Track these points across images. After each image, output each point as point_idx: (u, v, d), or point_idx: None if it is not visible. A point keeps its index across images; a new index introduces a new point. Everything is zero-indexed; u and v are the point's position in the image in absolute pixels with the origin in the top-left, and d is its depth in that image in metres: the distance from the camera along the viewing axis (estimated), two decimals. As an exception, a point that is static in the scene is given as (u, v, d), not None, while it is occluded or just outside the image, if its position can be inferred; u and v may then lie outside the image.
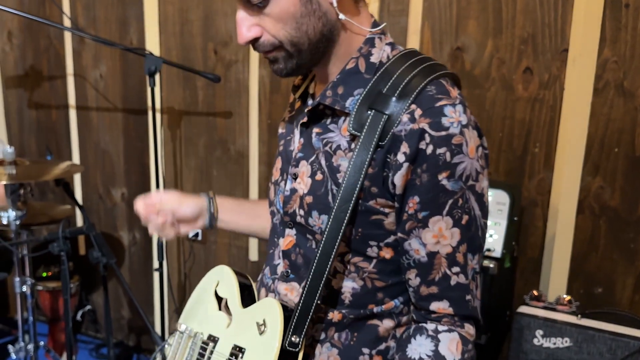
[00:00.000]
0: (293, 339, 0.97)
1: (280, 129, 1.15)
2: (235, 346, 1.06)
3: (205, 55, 2.43)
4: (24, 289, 2.28)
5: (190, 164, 2.61)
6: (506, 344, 1.95)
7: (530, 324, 1.70)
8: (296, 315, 0.97)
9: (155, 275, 2.69)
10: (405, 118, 0.89)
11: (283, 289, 1.08)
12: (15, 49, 2.92)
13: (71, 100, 2.83)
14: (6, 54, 2.95)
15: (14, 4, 2.76)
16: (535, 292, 1.81)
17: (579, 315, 1.71)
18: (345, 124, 0.97)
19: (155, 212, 1.15)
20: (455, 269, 0.94)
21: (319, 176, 0.99)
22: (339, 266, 1.01)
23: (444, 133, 0.88)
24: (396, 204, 0.94)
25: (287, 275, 1.07)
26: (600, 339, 1.63)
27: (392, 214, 0.96)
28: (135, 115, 2.68)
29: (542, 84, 1.87)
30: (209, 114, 2.50)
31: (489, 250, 1.75)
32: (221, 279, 1.16)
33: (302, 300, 0.97)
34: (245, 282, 1.15)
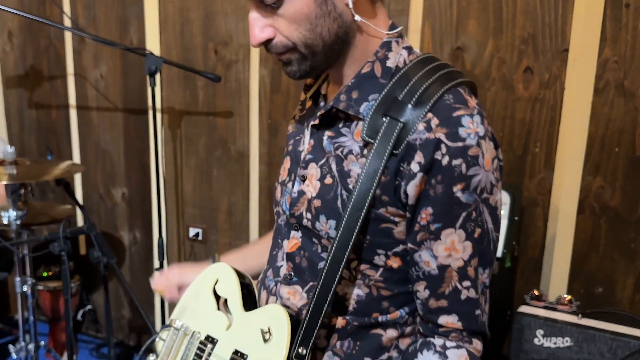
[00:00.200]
0: (300, 350, 0.94)
1: (290, 128, 1.13)
2: (236, 351, 1.03)
3: (205, 55, 2.43)
4: (25, 288, 2.28)
5: (190, 164, 2.61)
6: (507, 343, 1.95)
7: (531, 324, 1.70)
8: (304, 326, 0.94)
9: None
10: (421, 127, 0.87)
11: (285, 293, 1.05)
12: (16, 49, 2.92)
13: (71, 100, 2.83)
14: (6, 54, 2.95)
15: (14, 4, 2.76)
16: (535, 292, 1.81)
17: (580, 315, 1.71)
18: (358, 129, 0.94)
19: (177, 292, 1.26)
20: (466, 283, 0.92)
21: (329, 180, 0.97)
22: (345, 272, 0.98)
23: (460, 144, 0.86)
24: (407, 214, 0.91)
25: (290, 279, 1.05)
26: (601, 338, 1.63)
27: (402, 223, 0.93)
28: (136, 115, 2.68)
29: (543, 84, 1.87)
30: (209, 114, 2.50)
31: (489, 250, 1.75)
32: (220, 277, 1.13)
33: (310, 311, 0.94)
34: (245, 282, 1.12)
